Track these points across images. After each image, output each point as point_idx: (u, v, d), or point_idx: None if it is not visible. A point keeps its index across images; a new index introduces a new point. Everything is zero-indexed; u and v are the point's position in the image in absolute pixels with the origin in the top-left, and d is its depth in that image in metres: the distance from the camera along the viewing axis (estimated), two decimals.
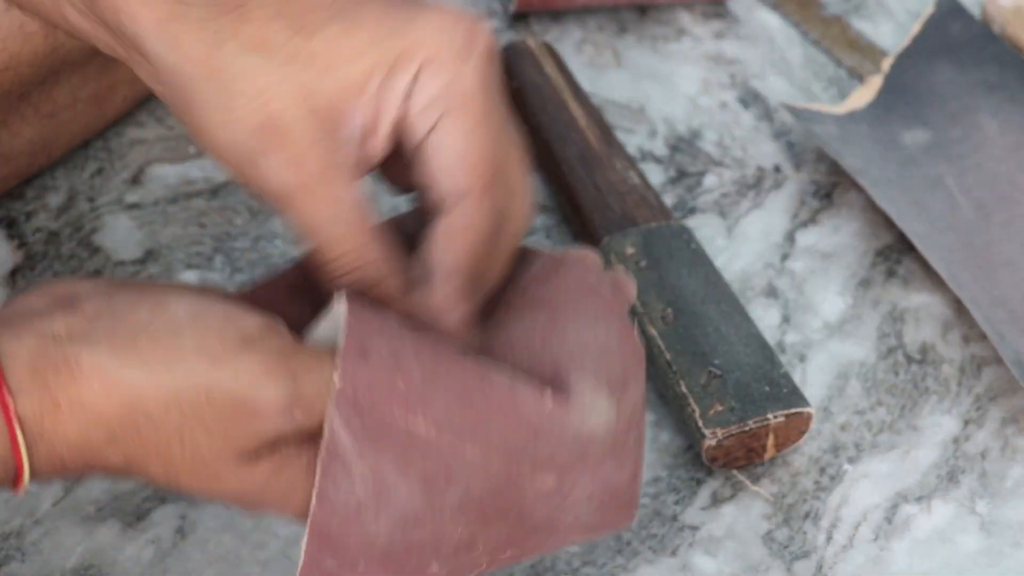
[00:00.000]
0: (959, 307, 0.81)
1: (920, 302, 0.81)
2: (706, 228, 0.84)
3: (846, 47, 0.94)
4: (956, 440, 0.76)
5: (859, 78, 0.92)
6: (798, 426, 0.73)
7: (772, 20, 0.95)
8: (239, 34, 0.56)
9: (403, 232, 0.62)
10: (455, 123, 0.59)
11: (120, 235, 0.80)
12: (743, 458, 0.73)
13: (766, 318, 0.80)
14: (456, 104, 0.58)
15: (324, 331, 0.58)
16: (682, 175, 0.86)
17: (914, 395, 0.77)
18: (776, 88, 0.91)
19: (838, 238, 0.84)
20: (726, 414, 0.71)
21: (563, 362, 0.59)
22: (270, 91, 0.56)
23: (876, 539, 0.72)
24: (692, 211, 0.84)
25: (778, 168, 0.87)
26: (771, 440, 0.73)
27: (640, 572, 0.70)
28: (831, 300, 0.81)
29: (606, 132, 0.84)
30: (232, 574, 0.68)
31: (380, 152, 0.59)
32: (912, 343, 0.80)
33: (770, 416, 0.72)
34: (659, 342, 0.74)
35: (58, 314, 0.55)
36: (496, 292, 0.62)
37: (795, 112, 0.86)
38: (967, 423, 0.77)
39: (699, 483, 0.73)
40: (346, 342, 0.55)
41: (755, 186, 0.86)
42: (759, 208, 0.85)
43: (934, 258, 0.79)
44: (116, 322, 0.55)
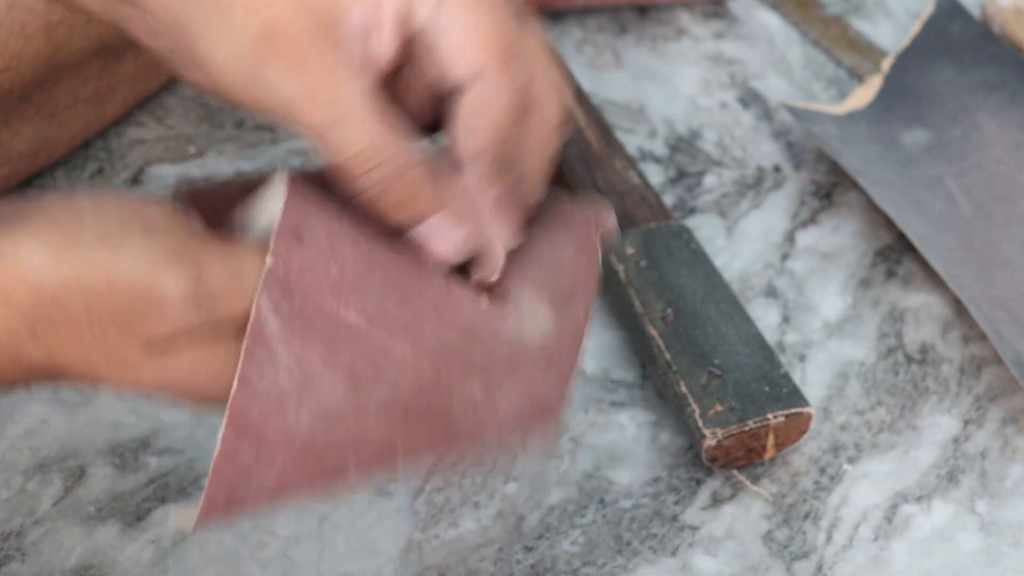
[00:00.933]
0: (959, 307, 0.81)
1: (920, 302, 0.81)
2: (706, 228, 0.84)
3: (846, 47, 0.94)
4: (956, 440, 0.76)
5: (859, 78, 0.92)
6: (798, 426, 0.73)
7: (772, 20, 0.95)
8: None
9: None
10: (459, 1, 0.57)
11: None
12: (743, 458, 0.73)
13: (766, 318, 0.80)
14: None
15: (262, 213, 0.56)
16: (682, 175, 0.86)
17: (914, 395, 0.78)
18: (776, 88, 0.91)
19: (838, 238, 0.84)
20: (726, 414, 0.71)
21: (508, 269, 0.57)
22: None
23: (876, 539, 0.72)
24: (692, 211, 0.84)
25: (778, 168, 0.87)
26: (771, 440, 0.73)
27: (640, 572, 0.70)
28: (831, 300, 0.81)
29: (606, 132, 0.84)
30: (232, 574, 0.68)
31: (387, 49, 0.58)
32: (912, 343, 0.80)
33: (770, 416, 0.72)
34: (659, 342, 0.74)
35: None
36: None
37: (795, 112, 0.86)
38: (967, 423, 0.77)
39: (699, 483, 0.73)
40: (282, 222, 0.54)
41: (755, 186, 0.86)
42: (759, 208, 0.85)
43: (934, 258, 0.79)
44: (20, 212, 0.55)
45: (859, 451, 0.75)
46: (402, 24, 0.58)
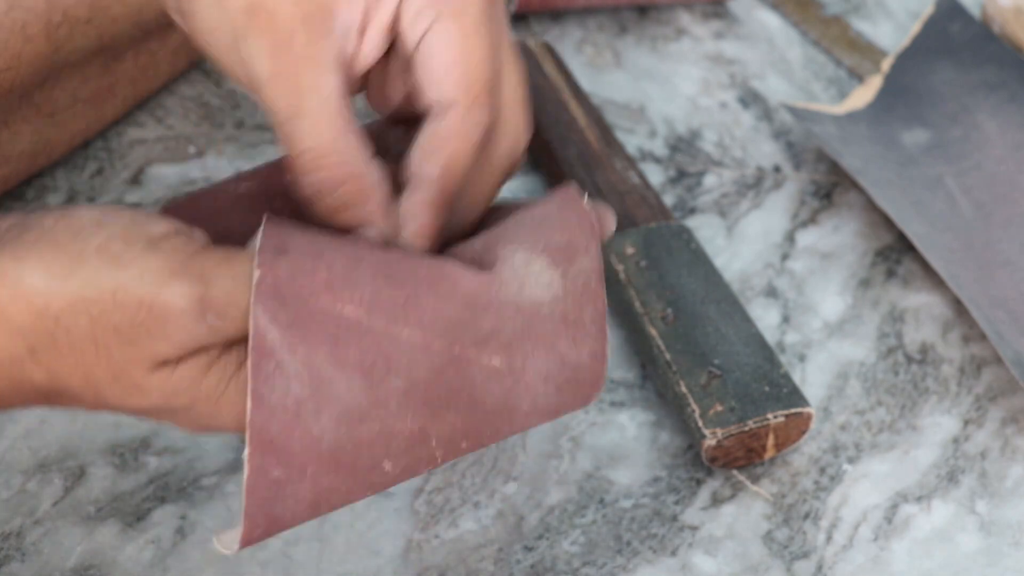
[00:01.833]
0: (959, 307, 0.81)
1: (920, 302, 0.81)
2: (706, 228, 0.84)
3: (846, 47, 0.94)
4: (956, 440, 0.76)
5: (859, 78, 0.92)
6: (798, 426, 0.73)
7: (772, 20, 0.95)
8: None
9: (383, 143, 0.61)
10: (449, 27, 0.57)
11: None
12: (743, 458, 0.73)
13: (766, 318, 0.80)
14: (452, 9, 0.57)
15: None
16: (682, 175, 0.86)
17: (914, 395, 0.78)
18: (776, 88, 0.91)
19: (838, 238, 0.84)
20: (726, 414, 0.71)
21: (495, 237, 0.57)
22: None
23: (876, 539, 0.72)
24: (692, 211, 0.84)
25: (778, 168, 0.87)
26: (771, 440, 0.73)
27: (640, 572, 0.70)
28: (831, 300, 0.81)
29: (606, 132, 0.84)
30: (232, 574, 0.68)
31: (370, 54, 0.58)
32: (912, 343, 0.80)
33: (770, 416, 0.72)
34: (659, 342, 0.74)
35: None
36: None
37: (795, 112, 0.86)
38: (967, 423, 0.77)
39: (699, 483, 0.73)
40: (263, 241, 0.54)
41: (755, 186, 0.86)
42: (759, 208, 0.85)
43: (934, 258, 0.79)
44: (22, 231, 0.54)
45: (859, 451, 0.75)
46: (390, 34, 0.58)
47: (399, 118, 0.61)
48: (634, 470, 0.73)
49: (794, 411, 0.72)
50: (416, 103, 0.59)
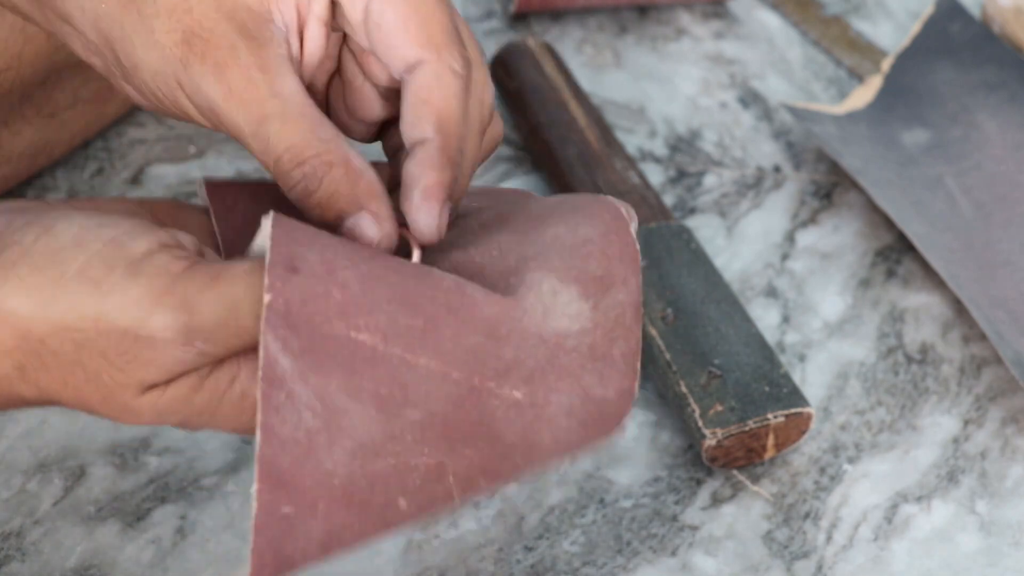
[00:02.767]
0: (959, 307, 0.81)
1: (920, 302, 0.81)
2: (706, 228, 0.84)
3: (846, 47, 0.94)
4: (956, 440, 0.76)
5: (859, 78, 0.92)
6: (798, 426, 0.73)
7: (772, 20, 0.95)
8: None
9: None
10: None
11: None
12: (743, 458, 0.73)
13: (766, 318, 0.80)
14: None
15: (256, 253, 0.54)
16: (682, 175, 0.86)
17: (914, 395, 0.78)
18: (776, 88, 0.91)
19: (838, 238, 0.84)
20: (726, 414, 0.71)
21: (527, 257, 0.54)
22: (185, 4, 0.56)
23: (876, 539, 0.72)
24: (692, 211, 0.84)
25: (778, 168, 0.87)
26: (771, 440, 0.73)
27: (640, 572, 0.70)
28: (831, 300, 0.81)
29: (606, 132, 0.84)
30: (231, 574, 0.68)
31: (315, 52, 0.58)
32: (912, 343, 0.80)
33: (770, 416, 0.72)
34: (659, 342, 0.74)
35: None
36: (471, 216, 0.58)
37: (795, 112, 0.86)
38: (967, 423, 0.77)
39: (699, 483, 0.73)
40: (272, 256, 0.51)
41: (755, 186, 0.86)
42: (759, 208, 0.85)
43: (934, 258, 0.79)
44: (1, 248, 0.53)
45: (859, 451, 0.75)
46: (328, 23, 0.58)
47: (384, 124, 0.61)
48: (634, 470, 0.73)
49: (794, 411, 0.72)
50: (390, 91, 0.58)
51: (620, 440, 0.69)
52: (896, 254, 0.83)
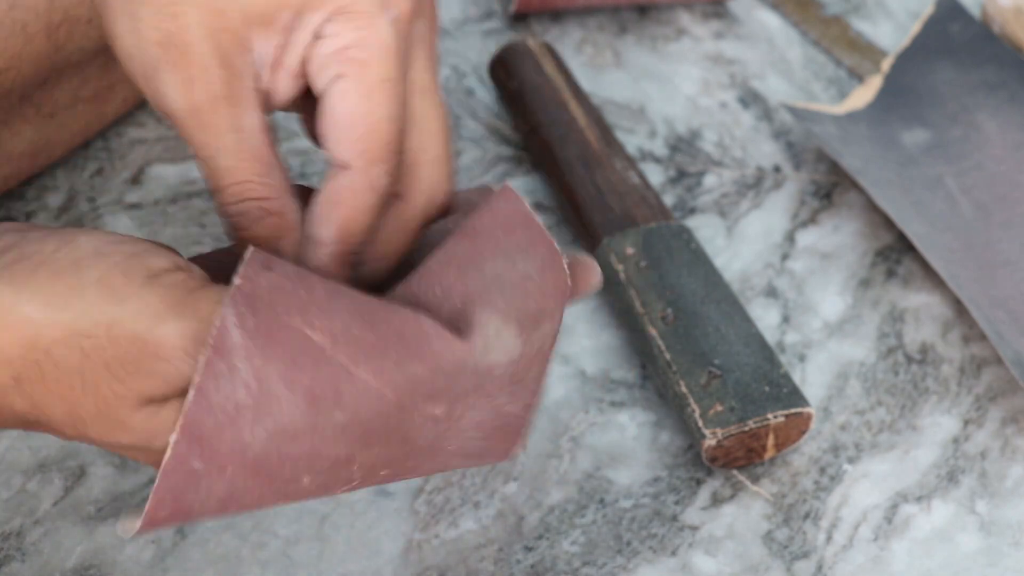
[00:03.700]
0: (959, 307, 0.81)
1: (920, 302, 0.81)
2: (706, 228, 0.84)
3: (846, 47, 0.94)
4: (956, 440, 0.76)
5: (859, 78, 0.92)
6: (798, 426, 0.73)
7: (772, 20, 0.95)
8: None
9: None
10: (350, 85, 0.57)
11: None
12: (743, 458, 0.73)
13: (766, 318, 0.80)
14: (357, 64, 0.56)
15: None
16: (682, 175, 0.86)
17: (914, 395, 0.78)
18: (776, 88, 0.91)
19: (838, 238, 0.84)
20: (726, 414, 0.71)
21: (473, 296, 0.56)
22: (177, 6, 0.55)
23: (876, 539, 0.72)
24: (692, 211, 0.84)
25: (778, 168, 0.87)
26: (771, 440, 0.73)
27: (640, 572, 0.70)
28: (831, 300, 0.81)
29: (606, 132, 0.84)
30: (232, 574, 0.68)
31: (286, 90, 0.58)
32: (912, 343, 0.80)
33: (770, 416, 0.72)
34: (659, 342, 0.74)
35: None
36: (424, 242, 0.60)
37: (795, 112, 0.86)
38: (967, 423, 0.77)
39: (699, 483, 0.73)
40: (250, 256, 0.53)
41: (755, 186, 0.86)
42: (759, 208, 0.85)
43: (934, 258, 0.79)
44: (20, 256, 0.54)
45: (859, 451, 0.75)
46: (300, 78, 0.58)
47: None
48: (634, 470, 0.73)
49: (794, 411, 0.72)
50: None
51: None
52: (896, 254, 0.83)
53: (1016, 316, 0.78)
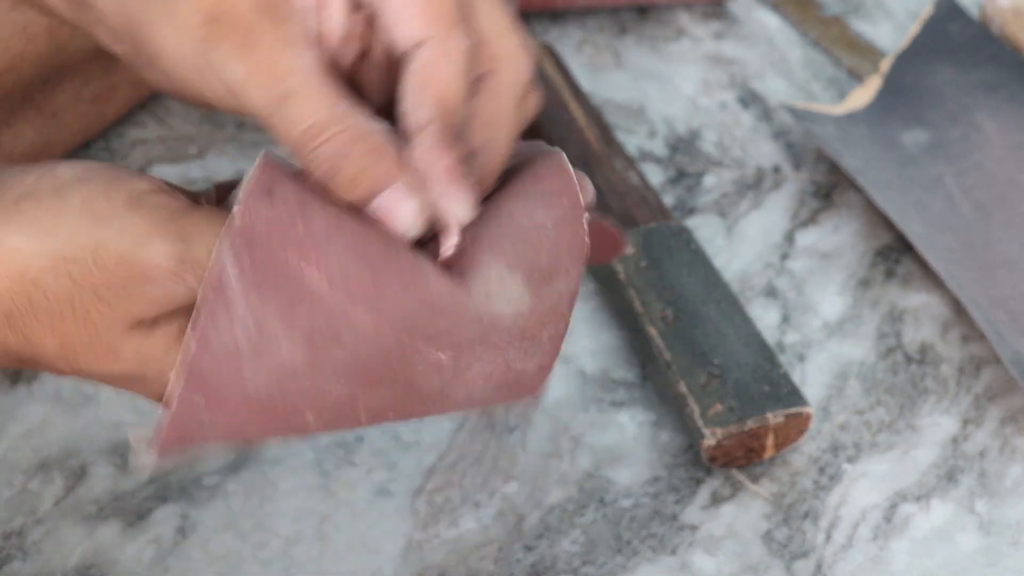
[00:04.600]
0: (958, 307, 0.81)
1: (919, 302, 0.81)
2: (706, 228, 0.84)
3: (845, 47, 0.94)
4: (955, 440, 0.76)
5: (859, 78, 0.92)
6: (798, 426, 0.73)
7: (771, 20, 0.96)
8: None
9: None
10: None
11: None
12: (743, 458, 0.73)
13: (766, 318, 0.80)
14: None
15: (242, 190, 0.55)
16: (682, 175, 0.86)
17: (913, 395, 0.78)
18: (776, 88, 0.91)
19: (838, 238, 0.84)
20: (726, 414, 0.72)
21: (480, 241, 0.56)
22: None
23: (875, 538, 0.72)
24: (692, 211, 0.84)
25: (777, 168, 0.87)
26: (771, 440, 0.73)
27: (640, 571, 0.70)
28: (830, 300, 0.81)
29: (606, 132, 0.84)
30: (233, 574, 0.68)
31: (338, 24, 0.57)
32: (911, 343, 0.80)
33: (770, 416, 0.72)
34: (659, 342, 0.74)
35: None
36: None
37: (794, 112, 0.86)
38: (966, 423, 0.77)
39: (699, 483, 0.73)
40: (254, 181, 0.53)
41: (755, 186, 0.86)
42: (759, 208, 0.85)
43: (933, 258, 0.79)
44: (2, 190, 0.54)
45: (858, 451, 0.75)
46: (350, 3, 0.57)
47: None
48: (634, 470, 0.73)
49: (794, 411, 0.72)
50: (397, 69, 0.58)
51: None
52: (896, 254, 0.83)
53: (1015, 316, 0.78)
